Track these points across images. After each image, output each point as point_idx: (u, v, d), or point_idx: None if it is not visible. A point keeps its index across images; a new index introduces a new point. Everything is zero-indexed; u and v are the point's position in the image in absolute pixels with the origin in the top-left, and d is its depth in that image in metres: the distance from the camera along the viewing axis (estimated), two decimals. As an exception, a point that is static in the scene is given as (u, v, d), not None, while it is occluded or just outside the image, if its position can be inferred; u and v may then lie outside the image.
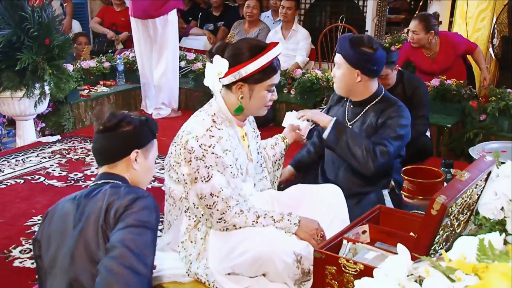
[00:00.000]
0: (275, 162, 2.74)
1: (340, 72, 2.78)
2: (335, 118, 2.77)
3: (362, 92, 2.80)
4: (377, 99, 2.81)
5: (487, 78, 4.59)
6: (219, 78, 2.29)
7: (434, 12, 4.67)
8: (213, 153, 2.22)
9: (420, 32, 4.47)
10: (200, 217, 2.30)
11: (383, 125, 2.74)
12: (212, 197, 2.24)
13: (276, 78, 2.35)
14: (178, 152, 2.33)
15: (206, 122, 2.28)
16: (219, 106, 2.34)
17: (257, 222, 2.26)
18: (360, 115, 2.82)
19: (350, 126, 2.85)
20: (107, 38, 6.92)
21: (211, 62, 2.30)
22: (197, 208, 2.29)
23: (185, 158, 2.28)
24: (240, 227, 2.26)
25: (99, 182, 2.01)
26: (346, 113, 2.89)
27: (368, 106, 2.80)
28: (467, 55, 4.76)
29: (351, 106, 2.86)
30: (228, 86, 2.32)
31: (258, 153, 2.62)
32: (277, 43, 2.36)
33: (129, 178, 2.06)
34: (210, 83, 2.34)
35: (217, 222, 2.27)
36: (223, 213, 2.24)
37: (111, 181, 2.00)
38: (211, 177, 2.23)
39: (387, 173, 2.83)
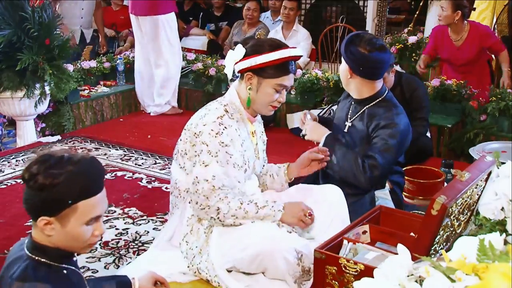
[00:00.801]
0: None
1: (340, 66, 2.83)
2: (326, 135, 2.76)
3: (359, 90, 2.78)
4: (376, 101, 2.79)
5: (505, 83, 4.51)
6: (234, 64, 2.34)
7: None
8: (219, 140, 2.26)
9: (447, 9, 4.45)
10: None
11: (375, 133, 2.70)
12: (204, 182, 2.26)
13: (286, 80, 2.36)
14: (186, 137, 2.35)
15: (219, 111, 2.33)
16: (231, 97, 2.40)
17: (240, 208, 2.26)
18: (359, 113, 2.81)
19: (350, 124, 2.84)
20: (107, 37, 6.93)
21: (233, 49, 2.38)
22: None
23: (190, 142, 2.31)
24: (224, 214, 2.26)
25: (20, 254, 1.65)
26: (349, 109, 2.88)
27: (367, 106, 2.78)
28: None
29: (353, 103, 2.86)
30: (241, 76, 2.38)
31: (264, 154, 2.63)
32: (295, 48, 2.41)
33: (51, 244, 1.63)
34: (228, 70, 2.40)
35: (200, 208, 2.29)
36: (207, 198, 2.26)
37: (28, 254, 1.63)
38: (209, 163, 2.26)
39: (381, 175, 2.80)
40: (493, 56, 4.81)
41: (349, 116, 2.86)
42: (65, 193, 1.55)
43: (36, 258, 1.62)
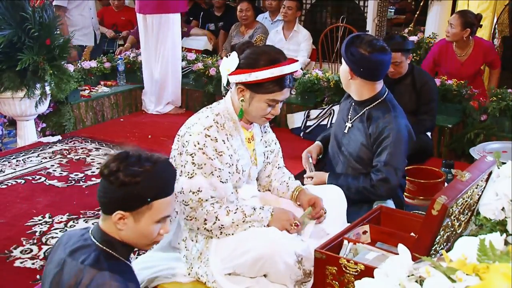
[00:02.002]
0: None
1: (341, 67, 2.82)
2: (327, 177, 2.79)
3: (359, 92, 2.78)
4: (376, 102, 2.78)
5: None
6: (228, 74, 2.29)
7: (478, 13, 4.64)
8: (204, 152, 2.22)
9: (457, 26, 4.46)
10: None
11: (377, 143, 2.71)
12: (189, 193, 2.24)
13: (280, 96, 2.27)
14: (175, 145, 2.34)
15: (208, 121, 2.28)
16: (226, 104, 2.35)
17: (227, 217, 2.24)
18: (359, 115, 2.81)
19: (351, 125, 2.84)
20: (107, 38, 6.93)
21: (228, 56, 2.31)
22: None
23: (178, 150, 2.30)
24: (211, 225, 2.24)
25: (87, 242, 1.72)
26: (350, 110, 2.88)
27: (367, 107, 2.78)
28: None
29: (353, 104, 2.86)
30: (235, 85, 2.32)
31: (266, 157, 2.57)
32: (295, 60, 2.31)
33: (119, 238, 1.71)
34: (222, 78, 2.35)
35: (188, 219, 2.27)
36: (195, 211, 2.24)
37: (97, 244, 1.70)
38: (195, 175, 2.23)
39: None
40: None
41: (349, 117, 2.86)
42: (145, 191, 1.63)
43: (106, 249, 1.69)
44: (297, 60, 2.33)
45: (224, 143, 2.28)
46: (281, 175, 2.59)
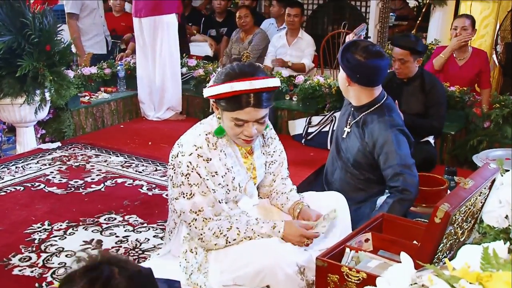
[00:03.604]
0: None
1: (339, 74, 2.83)
2: None
3: (357, 97, 2.79)
4: (374, 107, 2.77)
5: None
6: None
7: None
8: (197, 173, 2.21)
9: (469, 27, 4.54)
10: None
11: (378, 153, 2.70)
12: (191, 214, 2.25)
13: (243, 115, 2.14)
14: (170, 163, 2.33)
15: (199, 140, 2.25)
16: (213, 122, 2.32)
17: (238, 235, 2.26)
18: (356, 119, 2.82)
19: (349, 129, 2.85)
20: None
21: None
22: None
23: (173, 169, 2.28)
24: (220, 243, 2.26)
25: None
26: (349, 115, 2.89)
27: (364, 113, 2.79)
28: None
29: (352, 109, 2.87)
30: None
31: (268, 167, 2.54)
32: (270, 77, 2.18)
33: None
34: None
35: (197, 238, 2.29)
36: (201, 234, 2.26)
37: None
38: (193, 195, 2.23)
39: (381, 181, 2.80)
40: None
41: (348, 122, 2.88)
42: None
43: None
44: (274, 77, 2.23)
45: (218, 162, 2.27)
46: (282, 186, 2.57)
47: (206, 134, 2.27)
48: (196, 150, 2.22)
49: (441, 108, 3.85)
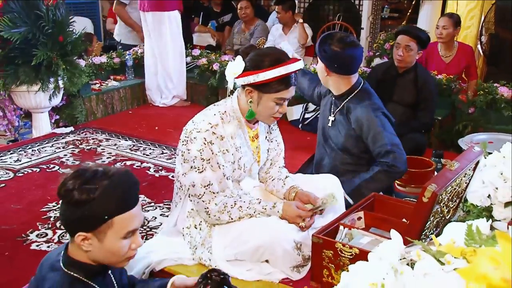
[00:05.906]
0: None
1: (317, 65, 2.81)
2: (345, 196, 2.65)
3: (337, 87, 2.78)
4: (353, 94, 2.76)
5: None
6: (234, 78, 2.26)
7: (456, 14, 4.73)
8: (210, 149, 2.22)
9: (450, 27, 4.49)
10: None
11: (366, 136, 2.69)
12: (201, 188, 2.25)
13: (287, 94, 2.24)
14: (183, 140, 2.32)
15: (214, 119, 2.26)
16: (233, 103, 2.32)
17: (240, 211, 2.27)
18: (339, 108, 2.81)
19: (333, 118, 2.84)
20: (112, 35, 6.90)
21: (234, 60, 2.28)
22: None
23: (186, 145, 2.28)
24: (224, 218, 2.27)
25: (56, 266, 1.58)
26: (332, 104, 2.87)
27: (345, 101, 2.77)
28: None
29: (333, 98, 2.85)
30: (243, 87, 2.29)
31: (268, 153, 2.55)
32: (298, 59, 2.27)
33: (89, 259, 1.56)
34: (229, 83, 2.30)
35: (203, 211, 2.29)
36: (207, 208, 2.26)
37: (64, 270, 1.56)
38: (204, 169, 2.23)
39: (370, 162, 2.77)
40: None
41: (331, 111, 2.86)
42: (100, 208, 1.46)
43: (72, 273, 1.54)
44: (300, 59, 2.29)
45: (230, 140, 2.28)
46: (278, 174, 2.58)
47: (222, 113, 2.29)
48: (211, 127, 2.23)
49: (431, 104, 3.80)
